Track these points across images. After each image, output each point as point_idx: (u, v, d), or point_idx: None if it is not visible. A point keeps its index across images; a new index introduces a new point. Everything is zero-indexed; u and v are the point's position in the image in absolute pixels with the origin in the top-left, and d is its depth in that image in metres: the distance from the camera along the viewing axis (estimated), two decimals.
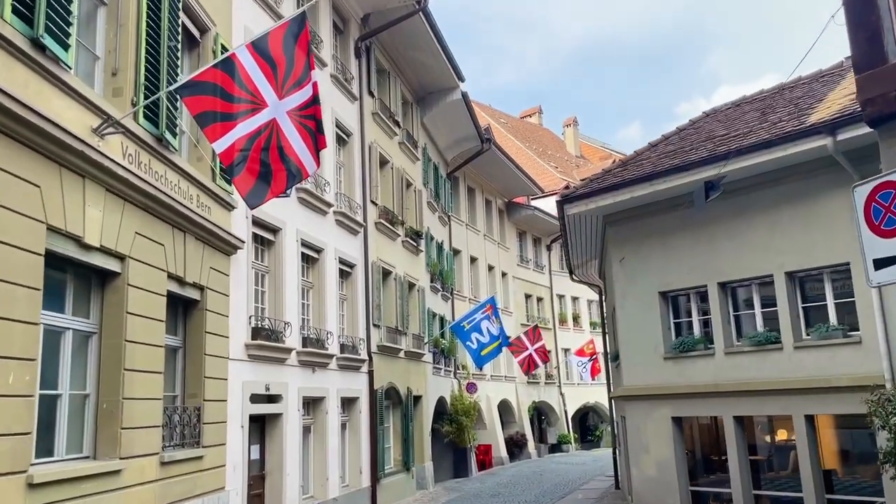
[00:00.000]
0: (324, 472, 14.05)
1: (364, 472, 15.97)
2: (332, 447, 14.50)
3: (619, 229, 14.51)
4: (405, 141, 20.61)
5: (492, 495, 19.13)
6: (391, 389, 18.03)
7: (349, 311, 16.24)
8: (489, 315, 21.46)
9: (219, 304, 10.56)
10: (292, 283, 13.32)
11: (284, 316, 12.77)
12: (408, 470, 18.84)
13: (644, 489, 13.63)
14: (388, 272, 18.61)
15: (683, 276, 13.36)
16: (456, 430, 24.20)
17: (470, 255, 28.99)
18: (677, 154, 13.32)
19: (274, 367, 12.40)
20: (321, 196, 14.58)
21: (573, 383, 37.45)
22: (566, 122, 52.10)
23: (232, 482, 10.72)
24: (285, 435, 12.52)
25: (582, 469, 26.38)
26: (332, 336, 14.68)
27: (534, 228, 36.16)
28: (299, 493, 12.93)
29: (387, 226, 18.32)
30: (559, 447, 34.98)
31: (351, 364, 15.53)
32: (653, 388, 13.60)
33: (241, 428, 11.21)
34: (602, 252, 17.56)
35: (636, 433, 13.87)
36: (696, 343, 13.07)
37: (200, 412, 9.84)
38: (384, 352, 17.64)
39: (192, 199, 9.76)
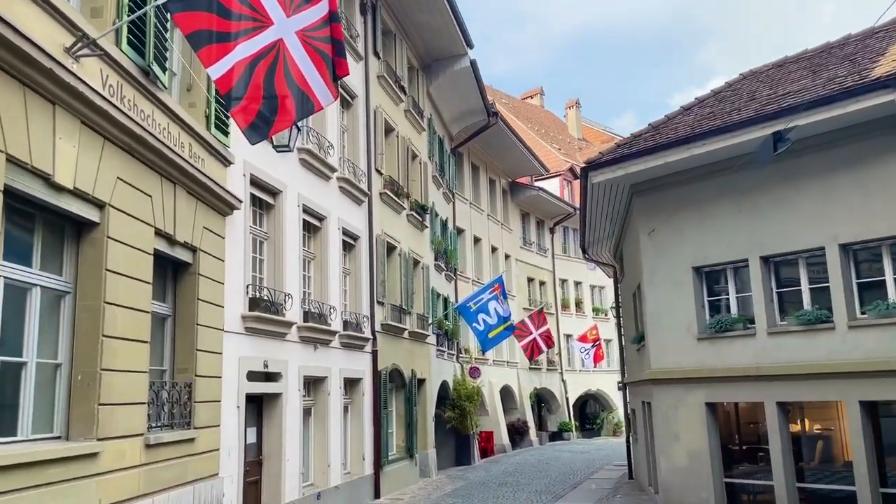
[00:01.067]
0: (325, 458, 12.93)
1: (367, 458, 14.86)
2: (334, 431, 13.37)
3: (648, 199, 13.36)
4: (411, 109, 19.40)
5: (499, 484, 18.07)
6: (395, 371, 16.91)
7: (352, 286, 15.08)
8: (497, 295, 20.34)
9: (213, 268, 9.38)
10: (293, 251, 12.15)
11: (285, 287, 11.60)
12: (411, 457, 17.75)
13: (673, 481, 12.56)
14: (393, 247, 17.45)
15: (721, 250, 12.25)
16: (458, 416, 23.14)
17: (474, 235, 27.84)
18: (717, 116, 12.17)
19: (273, 343, 11.24)
20: (325, 159, 13.38)
21: (575, 370, 36.46)
22: (569, 103, 50.88)
23: (226, 468, 9.58)
24: (285, 417, 11.38)
25: (587, 458, 25.38)
26: (334, 311, 13.53)
27: (537, 210, 35.03)
28: (299, 480, 11.81)
29: (392, 197, 17.14)
30: (560, 435, 34.00)
31: (354, 343, 14.39)
32: (685, 371, 12.51)
33: (237, 408, 10.06)
34: (623, 227, 16.43)
35: (665, 420, 12.79)
36: (735, 322, 11.97)
37: (192, 389, 8.68)
38: (388, 331, 16.50)
39: (184, 147, 8.56)
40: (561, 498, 15.85)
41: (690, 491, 12.30)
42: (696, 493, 12.22)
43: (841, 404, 11.24)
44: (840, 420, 11.57)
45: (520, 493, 16.62)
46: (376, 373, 15.53)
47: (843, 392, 10.57)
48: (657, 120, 13.84)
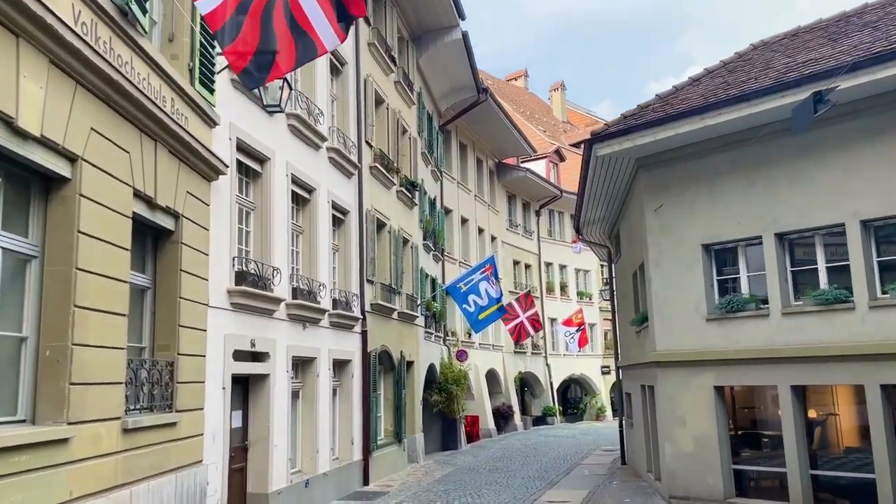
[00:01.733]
0: (313, 444, 12.23)
1: (356, 443, 14.18)
2: (323, 415, 12.67)
3: (655, 174, 12.74)
4: (401, 80, 18.59)
5: (490, 470, 17.50)
6: (384, 353, 16.22)
7: (341, 263, 14.33)
8: (488, 276, 19.69)
9: (197, 237, 8.59)
10: (281, 224, 11.37)
11: (273, 261, 10.84)
12: (399, 442, 17.11)
13: (679, 467, 12.03)
14: (383, 224, 16.70)
15: (733, 227, 11.68)
16: (445, 400, 22.51)
17: (461, 216, 27.14)
18: (732, 85, 11.54)
19: (260, 320, 10.48)
20: (314, 126, 12.58)
21: (559, 354, 36.03)
22: (553, 86, 50.21)
23: (211, 454, 8.85)
24: (272, 399, 10.65)
25: (574, 443, 24.93)
26: (324, 289, 12.78)
27: (524, 192, 34.38)
28: (287, 466, 11.10)
29: (382, 171, 16.37)
30: (544, 419, 33.57)
31: (344, 323, 13.66)
32: (692, 353, 11.96)
33: (223, 390, 9.32)
34: (622, 205, 15.83)
35: (670, 404, 12.24)
36: (747, 302, 11.42)
37: (174, 368, 7.92)
38: (378, 311, 15.79)
39: (166, 102, 7.74)
40: (555, 485, 15.30)
41: (696, 478, 11.79)
42: (702, 479, 11.70)
43: (838, 389, 10.82)
44: (836, 405, 11.14)
45: (512, 479, 16.06)
46: (366, 354, 14.83)
47: (863, 375, 10.07)
48: (665, 91, 13.20)
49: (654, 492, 13.50)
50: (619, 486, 14.75)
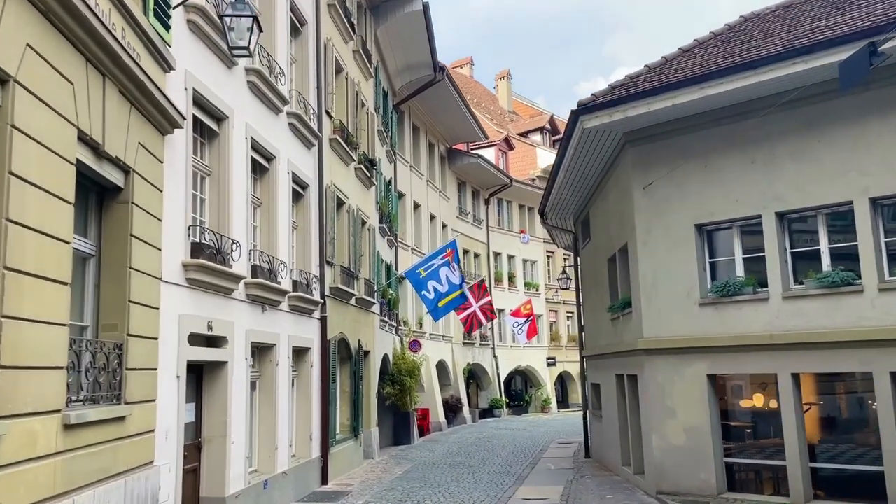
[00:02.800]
0: (272, 440, 10.98)
1: (314, 439, 12.96)
2: (282, 408, 11.43)
3: (644, 150, 11.96)
4: (360, 50, 17.35)
5: (451, 465, 16.53)
6: (342, 342, 15.01)
7: (300, 242, 13.05)
8: (449, 261, 18.67)
9: (150, 199, 7.28)
10: (240, 192, 10.07)
11: (231, 233, 9.55)
12: (356, 437, 15.95)
13: (668, 461, 11.30)
14: (342, 202, 15.47)
15: (729, 206, 10.99)
16: (398, 393, 21.44)
17: (413, 201, 26.04)
18: (733, 55, 10.81)
19: (218, 300, 9.19)
20: (275, 86, 11.29)
21: (506, 345, 35.36)
22: (499, 74, 49.43)
23: (163, 454, 7.56)
24: (230, 390, 9.37)
25: (527, 435, 24.20)
26: (284, 268, 11.52)
27: (474, 179, 33.48)
28: (245, 466, 9.85)
29: (342, 145, 15.14)
30: (491, 412, 32.82)
31: (303, 307, 12.42)
32: (684, 339, 11.24)
33: (177, 379, 8.02)
34: (597, 185, 15.03)
35: (659, 394, 11.49)
36: (744, 286, 10.75)
37: (123, 353, 6.61)
38: (337, 296, 14.58)
39: (116, 30, 6.42)
40: (524, 480, 14.43)
41: (687, 472, 11.08)
42: (694, 474, 11.00)
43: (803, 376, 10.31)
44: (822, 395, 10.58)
45: (478, 474, 15.12)
46: (325, 342, 13.61)
47: (872, 362, 9.50)
48: (654, 62, 12.43)
49: (632, 487, 12.77)
50: (593, 480, 13.99)
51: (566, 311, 40.16)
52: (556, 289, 39.47)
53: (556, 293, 39.20)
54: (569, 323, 40.37)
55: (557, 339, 38.86)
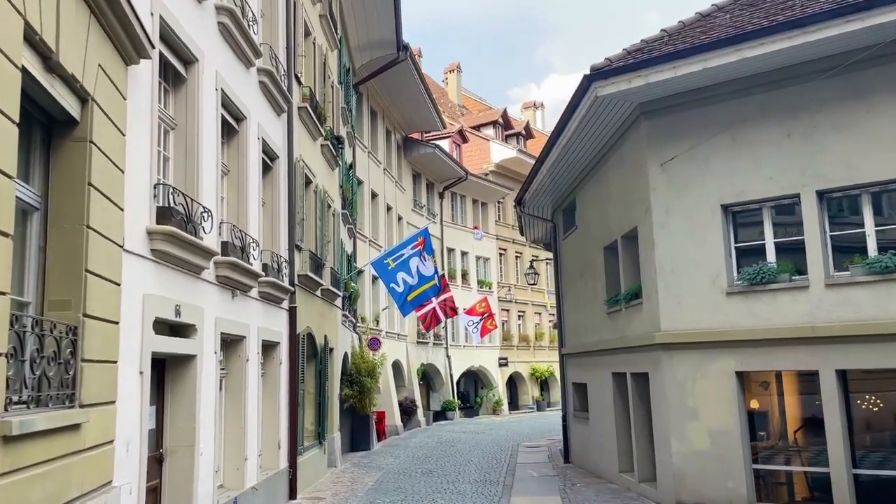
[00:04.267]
0: (240, 449, 9.30)
1: (283, 447, 11.31)
2: (252, 411, 9.76)
3: (663, 122, 10.80)
4: (327, 15, 15.77)
5: (424, 474, 15.06)
6: (309, 337, 13.37)
7: (269, 222, 11.36)
8: (420, 251, 17.22)
9: (112, 141, 5.61)
10: (209, 153, 8.40)
11: (201, 198, 7.87)
12: (321, 443, 14.31)
13: (689, 469, 10.13)
14: (310, 181, 13.82)
15: (761, 184, 9.92)
16: (357, 394, 19.82)
17: (371, 190, 24.42)
18: (773, 14, 9.72)
19: (187, 281, 7.52)
20: (247, 32, 9.64)
21: (460, 345, 34.04)
22: (449, 67, 48.08)
23: (123, 471, 5.88)
24: (199, 390, 7.69)
25: (489, 439, 22.89)
26: (256, 248, 9.87)
27: (429, 171, 32.03)
28: (213, 481, 8.17)
29: (311, 116, 13.52)
30: (444, 414, 31.43)
31: (273, 295, 10.77)
32: (709, 332, 10.11)
33: (140, 375, 6.34)
34: (593, 166, 13.82)
35: (679, 394, 10.32)
36: (780, 272, 9.68)
37: (79, 339, 4.94)
38: (305, 286, 12.95)
39: None
40: (512, 490, 13.09)
41: (712, 480, 9.93)
42: (720, 482, 9.85)
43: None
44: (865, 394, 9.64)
45: (458, 484, 13.70)
46: (294, 336, 11.97)
47: None
48: (671, 26, 11.27)
49: (638, 496, 11.59)
50: (588, 489, 12.75)
51: (518, 310, 39.15)
52: (510, 287, 38.46)
53: (508, 292, 38.13)
54: (520, 322, 39.37)
55: (510, 339, 37.76)
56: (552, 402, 40.16)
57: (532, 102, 54.08)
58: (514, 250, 39.50)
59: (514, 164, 37.84)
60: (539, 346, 39.90)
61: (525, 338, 39.06)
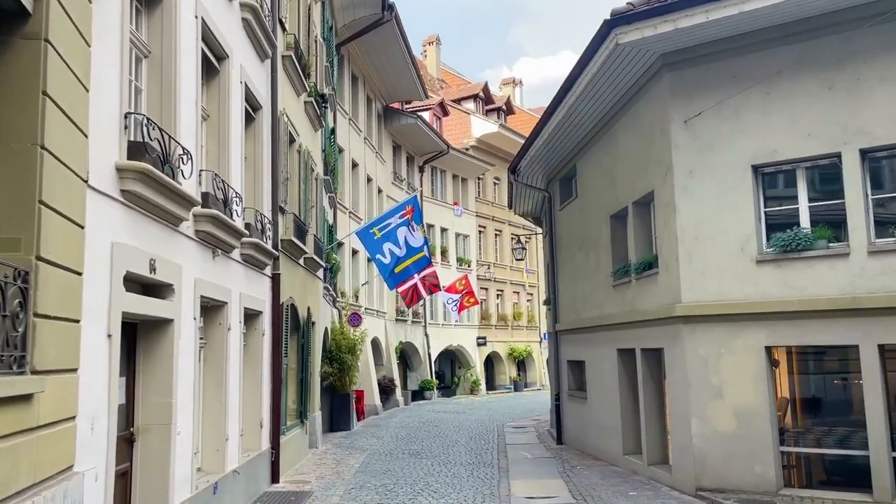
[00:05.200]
0: (221, 429, 8.27)
1: (265, 426, 10.29)
2: (233, 386, 8.72)
3: (688, 74, 9.89)
4: None
5: (411, 455, 14.16)
6: (291, 308, 12.31)
7: (251, 178, 10.23)
8: (408, 220, 16.19)
9: (73, 46, 4.52)
10: (188, 89, 7.28)
11: (179, 136, 6.77)
12: (302, 423, 13.31)
13: (712, 451, 9.34)
14: (293, 139, 12.71)
15: (797, 142, 9.08)
16: (337, 372, 18.84)
17: (352, 159, 23.28)
18: None
19: (162, 232, 6.44)
20: None
21: (438, 324, 33.16)
22: (428, 39, 46.72)
23: (87, 453, 4.83)
24: (176, 360, 6.63)
25: (472, 419, 22.09)
26: (239, 203, 8.78)
27: (410, 144, 30.90)
28: (192, 465, 7.14)
29: (295, 68, 12.38)
30: (421, 394, 30.56)
31: (256, 259, 9.69)
32: (737, 304, 9.29)
33: (108, 339, 5.28)
34: (598, 129, 12.91)
35: (701, 371, 9.50)
36: (816, 238, 8.87)
37: (30, 287, 3.88)
38: (289, 252, 11.89)
39: None
40: (510, 473, 12.23)
41: (738, 464, 9.15)
42: (746, 466, 9.08)
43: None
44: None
45: (450, 466, 12.82)
46: (277, 305, 10.91)
47: None
48: None
49: (648, 480, 10.80)
50: (591, 472, 11.94)
51: (496, 289, 38.35)
52: (489, 265, 37.60)
53: (488, 270, 37.28)
54: (498, 302, 38.58)
55: (488, 319, 36.96)
56: (529, 382, 39.57)
57: (511, 79, 52.96)
58: (494, 228, 38.63)
59: (495, 139, 36.87)
60: (517, 326, 39.20)
61: (503, 317, 38.31)
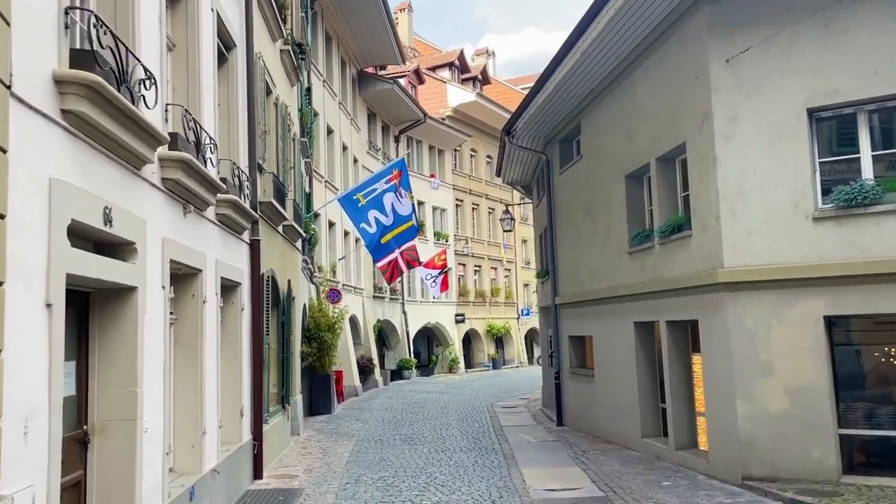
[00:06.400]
0: (198, 421, 6.89)
1: (246, 414, 8.92)
2: (210, 370, 7.33)
3: (729, 6, 8.63)
4: None
5: (403, 441, 12.91)
6: (271, 280, 10.91)
7: (225, 128, 8.76)
8: (395, 185, 14.83)
9: None
10: (149, 2, 5.81)
11: (138, 51, 5.31)
12: (284, 408, 11.96)
13: (761, 435, 8.22)
14: (270, 90, 11.24)
15: (862, 81, 7.92)
16: (316, 352, 17.49)
17: (327, 125, 21.73)
18: None
19: (121, 175, 5.02)
20: None
21: (416, 300, 31.89)
22: (400, 6, 44.92)
23: (20, 466, 3.45)
24: (142, 339, 5.24)
25: (457, 399, 20.95)
26: (214, 151, 7.34)
27: (385, 111, 29.33)
28: (163, 467, 5.77)
29: (272, 7, 10.89)
30: (400, 374, 29.33)
31: (233, 220, 8.26)
32: (788, 268, 8.14)
33: (47, 309, 3.87)
34: (612, 79, 11.65)
35: (748, 344, 8.36)
36: (886, 191, 7.74)
37: None
38: (268, 217, 10.47)
39: None
40: (517, 460, 11.04)
41: (791, 449, 8.06)
42: (802, 451, 8.00)
43: None
44: None
45: (451, 453, 11.60)
46: (257, 276, 9.51)
47: None
48: None
49: (676, 467, 9.70)
50: (607, 458, 10.81)
51: (474, 264, 37.15)
52: (466, 240, 36.34)
53: (465, 245, 36.03)
54: (476, 278, 37.40)
55: (466, 295, 35.77)
56: (507, 359, 38.59)
57: (485, 49, 51.45)
58: (472, 201, 37.37)
59: (472, 108, 35.52)
60: (495, 302, 38.13)
61: (481, 293, 37.18)
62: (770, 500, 7.66)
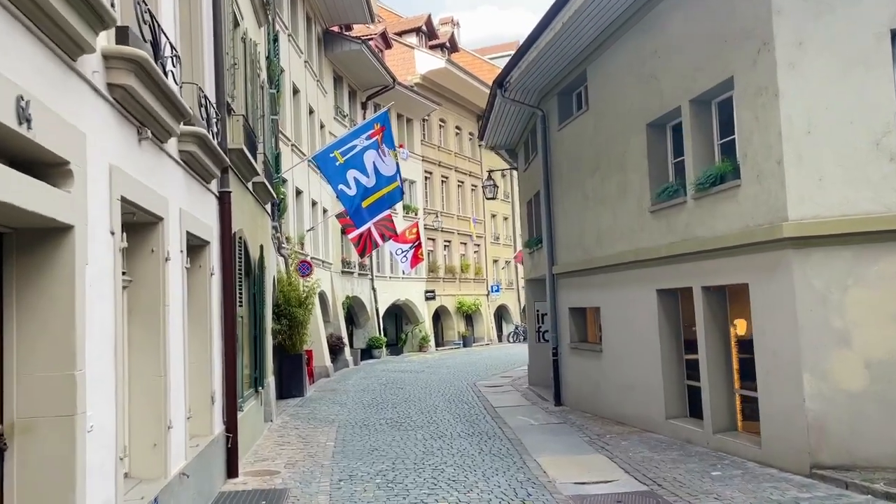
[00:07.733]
0: (160, 413, 5.34)
1: (217, 401, 7.37)
2: (175, 346, 5.77)
3: None
4: None
5: (391, 426, 11.49)
6: (244, 244, 9.31)
7: (188, 42, 7.10)
8: (377, 143, 13.26)
9: None
10: None
11: None
12: (257, 392, 10.42)
13: (834, 417, 7.00)
14: (238, 22, 9.57)
15: None
16: (286, 330, 15.93)
17: (293, 84, 19.96)
18: None
19: (47, 64, 3.43)
20: None
21: (385, 276, 30.37)
22: None
23: None
24: (82, 299, 3.68)
25: (435, 378, 19.60)
26: (178, 64, 5.73)
27: (352, 75, 27.56)
28: (116, 474, 4.23)
29: None
30: (370, 353, 27.82)
31: (201, 163, 6.66)
32: (870, 218, 6.89)
33: None
34: (626, 18, 10.26)
35: (818, 310, 7.10)
36: None
37: None
38: (238, 169, 8.84)
39: None
40: (527, 447, 9.71)
41: (873, 432, 6.87)
42: (886, 435, 6.79)
43: None
44: None
45: (449, 440, 10.23)
46: (229, 236, 7.91)
47: None
48: None
49: (714, 452, 8.48)
50: (632, 444, 9.52)
51: (444, 239, 35.72)
52: (436, 214, 34.86)
53: (436, 219, 34.55)
54: (446, 253, 35.99)
55: (436, 271, 34.37)
56: (477, 337, 37.36)
57: (450, 18, 49.64)
58: (441, 174, 35.87)
59: (441, 76, 33.90)
60: (465, 279, 36.82)
61: (451, 269, 35.81)
62: (854, 492, 6.44)
